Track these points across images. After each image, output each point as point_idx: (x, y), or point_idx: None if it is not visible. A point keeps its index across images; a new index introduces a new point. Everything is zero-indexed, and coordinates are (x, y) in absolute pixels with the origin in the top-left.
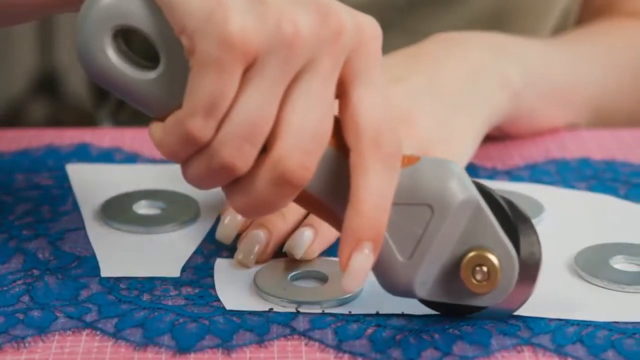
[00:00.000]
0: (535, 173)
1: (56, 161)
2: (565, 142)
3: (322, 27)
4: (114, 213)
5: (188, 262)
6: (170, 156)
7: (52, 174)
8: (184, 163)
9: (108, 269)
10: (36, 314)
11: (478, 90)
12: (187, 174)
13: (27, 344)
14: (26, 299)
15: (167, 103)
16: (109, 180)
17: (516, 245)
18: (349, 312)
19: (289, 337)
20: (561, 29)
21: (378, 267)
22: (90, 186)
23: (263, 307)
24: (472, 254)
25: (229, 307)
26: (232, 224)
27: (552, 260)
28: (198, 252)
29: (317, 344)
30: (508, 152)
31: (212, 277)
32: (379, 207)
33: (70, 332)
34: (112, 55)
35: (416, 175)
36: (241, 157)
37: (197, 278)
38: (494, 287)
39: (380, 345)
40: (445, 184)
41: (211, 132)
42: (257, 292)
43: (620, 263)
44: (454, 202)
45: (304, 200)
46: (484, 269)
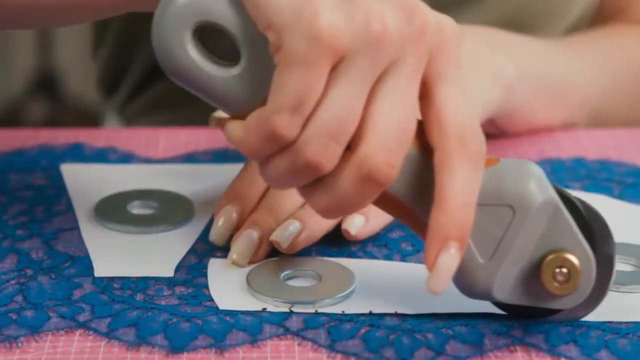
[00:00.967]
0: None
1: (50, 161)
2: (561, 141)
3: (408, 24)
4: (108, 213)
5: (182, 262)
6: (251, 154)
7: (46, 174)
8: (263, 162)
9: (102, 269)
10: (29, 313)
11: (470, 80)
12: (266, 173)
13: (19, 344)
14: (19, 298)
15: (247, 101)
16: (103, 180)
17: (592, 246)
18: (342, 312)
19: (282, 336)
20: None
21: (457, 269)
22: (85, 186)
23: (256, 306)
24: (552, 256)
25: (222, 306)
26: (225, 224)
27: None
28: (192, 252)
29: (310, 343)
30: (504, 151)
31: (206, 276)
32: (465, 206)
33: (63, 332)
34: (192, 52)
35: (497, 176)
36: (327, 156)
37: (190, 278)
38: (574, 289)
39: (373, 345)
40: (526, 185)
41: (297, 130)
42: (251, 291)
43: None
44: (534, 203)
45: (385, 201)
46: (564, 270)
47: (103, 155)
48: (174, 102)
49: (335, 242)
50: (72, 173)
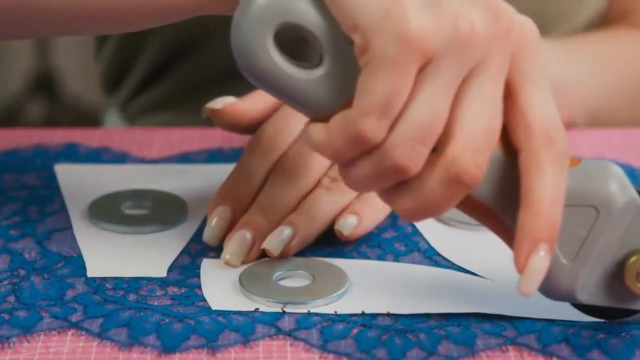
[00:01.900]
0: None
1: (45, 161)
2: None
3: (494, 25)
4: (101, 213)
5: (175, 262)
6: (334, 157)
7: (40, 174)
8: (346, 165)
9: (94, 269)
10: (22, 314)
11: None
12: (350, 176)
13: (12, 344)
14: (12, 298)
15: (329, 103)
16: (97, 180)
17: None
18: (335, 312)
19: (274, 337)
20: None
21: None
22: (78, 186)
23: (249, 307)
24: (635, 257)
25: (214, 307)
26: (218, 225)
27: None
28: (185, 252)
29: (303, 343)
30: None
31: (199, 277)
32: (553, 207)
33: (56, 332)
34: (274, 54)
35: (580, 177)
36: (414, 159)
37: (183, 278)
38: None
39: (365, 345)
40: (609, 186)
41: (384, 133)
42: (243, 292)
43: None
44: (617, 203)
45: (468, 204)
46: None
47: (97, 156)
48: (176, 102)
49: (329, 242)
50: (66, 173)
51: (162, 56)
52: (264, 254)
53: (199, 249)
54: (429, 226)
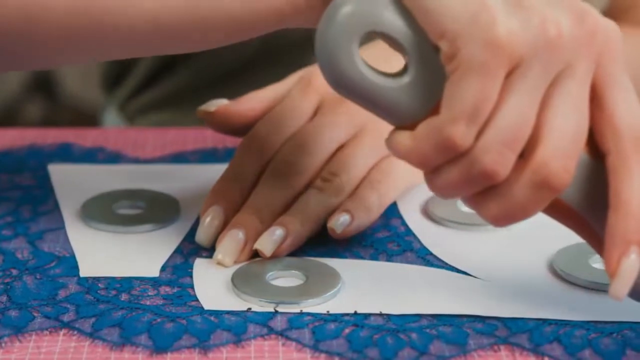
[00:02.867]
0: None
1: (39, 161)
2: None
3: (580, 28)
4: (94, 213)
5: (167, 262)
6: (421, 164)
7: (34, 174)
8: (432, 171)
9: (87, 269)
10: (13, 313)
11: None
12: (436, 182)
13: (3, 344)
14: (4, 298)
15: (415, 110)
16: (90, 180)
17: None
18: (327, 312)
19: (266, 336)
20: None
21: None
22: (72, 186)
23: (241, 306)
24: None
25: (207, 306)
26: (211, 225)
27: (532, 260)
28: (177, 251)
29: (294, 343)
30: None
31: (191, 276)
32: None
33: (48, 332)
34: (360, 63)
35: None
36: (503, 164)
37: (175, 278)
38: None
39: (357, 345)
40: None
41: (472, 139)
42: (236, 291)
43: (599, 262)
44: None
45: (555, 208)
46: None
47: (91, 156)
48: (175, 101)
49: (321, 242)
50: (60, 173)
51: (162, 56)
52: (256, 253)
53: (192, 249)
54: (422, 226)
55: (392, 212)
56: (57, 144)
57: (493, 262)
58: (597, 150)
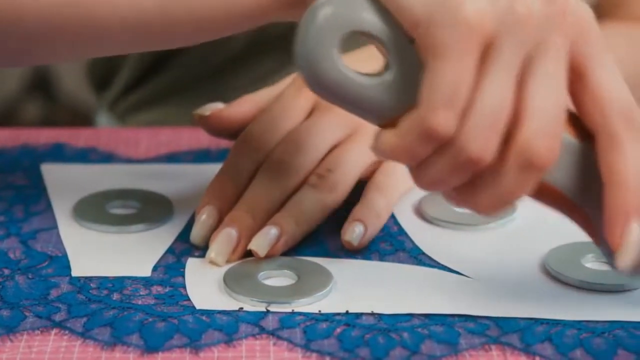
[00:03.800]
0: None
1: (32, 161)
2: None
3: (549, 7)
4: (87, 212)
5: (159, 262)
6: (407, 158)
7: (27, 174)
8: (419, 166)
9: (79, 268)
10: (5, 313)
11: None
12: (422, 176)
13: None
14: None
15: (396, 107)
16: (83, 180)
17: None
18: (319, 311)
19: (258, 336)
20: None
21: None
22: (65, 186)
23: (233, 306)
24: None
25: (199, 306)
26: (205, 225)
27: (524, 260)
28: (170, 251)
29: (286, 343)
30: None
31: (183, 276)
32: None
33: (39, 332)
34: (341, 63)
35: None
36: (488, 148)
37: (167, 277)
38: None
39: (348, 345)
40: None
41: (454, 124)
42: (228, 291)
43: (591, 262)
44: None
45: (543, 192)
46: None
47: (84, 155)
48: (166, 99)
49: (314, 241)
50: (53, 173)
51: (152, 54)
52: (249, 253)
53: (184, 249)
54: (415, 226)
55: None
56: (50, 144)
57: (485, 262)
58: (584, 132)
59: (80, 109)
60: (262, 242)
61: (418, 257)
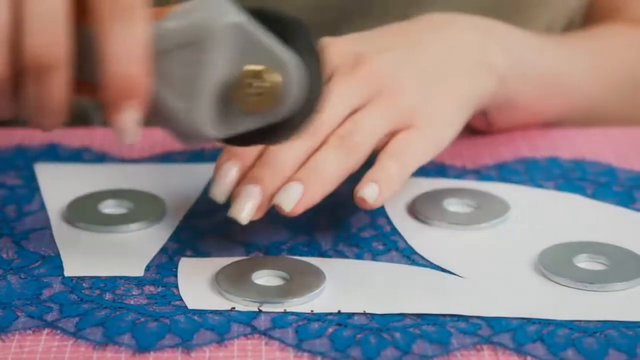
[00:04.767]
0: (504, 172)
1: (25, 161)
2: (536, 141)
3: None
4: (80, 212)
5: (152, 261)
6: None
7: (20, 174)
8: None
9: (72, 268)
10: None
11: (461, 67)
12: None
13: None
14: None
15: None
16: (76, 180)
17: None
18: (311, 311)
19: (249, 336)
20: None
21: (162, 121)
22: (58, 186)
23: (225, 306)
24: (245, 74)
25: (191, 306)
26: (226, 180)
27: (516, 259)
28: (163, 251)
29: (278, 342)
30: (478, 151)
31: (176, 276)
32: (130, 62)
33: (31, 332)
34: None
35: (179, 19)
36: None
37: (160, 277)
38: (278, 101)
39: (340, 344)
40: (204, 16)
41: None
42: (220, 291)
43: (584, 262)
44: (216, 30)
45: (82, 90)
46: (261, 84)
47: (78, 156)
48: None
49: (306, 241)
50: (46, 172)
51: None
52: (243, 252)
53: (177, 248)
54: (408, 225)
55: (378, 211)
56: (44, 144)
57: (478, 262)
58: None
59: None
60: (286, 198)
61: (411, 257)
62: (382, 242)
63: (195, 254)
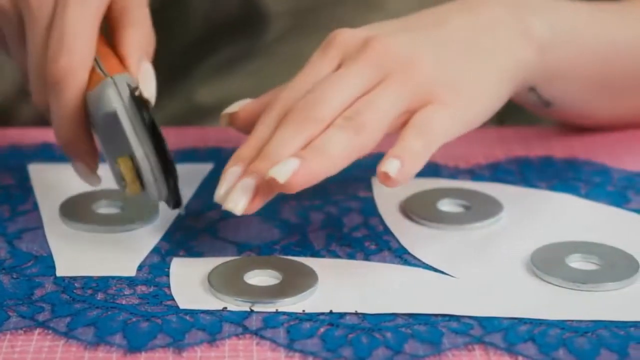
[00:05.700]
0: (497, 172)
1: (19, 161)
2: (530, 141)
3: None
4: (73, 212)
5: (144, 261)
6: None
7: (14, 174)
8: None
9: (64, 268)
10: None
11: (493, 40)
12: None
13: None
14: None
15: None
16: (70, 180)
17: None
18: (303, 311)
19: (241, 336)
20: None
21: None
22: (51, 185)
23: (217, 306)
24: (119, 160)
25: (182, 306)
26: (230, 183)
27: (509, 259)
28: (155, 251)
29: (269, 342)
30: (472, 151)
31: (168, 276)
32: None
33: (22, 332)
34: None
35: (90, 96)
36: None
37: (152, 277)
38: (140, 189)
39: (331, 344)
40: (96, 102)
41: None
42: (212, 291)
43: (576, 261)
44: (100, 116)
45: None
46: (127, 172)
47: None
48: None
49: (299, 241)
50: (40, 172)
51: None
52: (236, 252)
53: (169, 248)
54: (401, 225)
55: (371, 211)
56: (38, 144)
57: (470, 262)
58: None
59: None
60: (279, 169)
61: (403, 257)
62: (375, 242)
63: (187, 254)
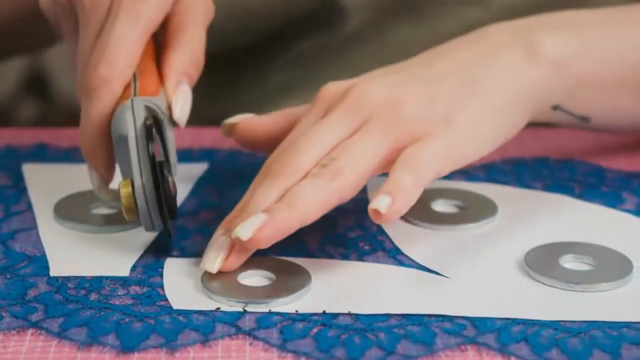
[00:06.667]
0: (491, 172)
1: (14, 161)
2: (524, 141)
3: None
4: (67, 212)
5: (138, 262)
6: None
7: (8, 174)
8: None
9: (57, 268)
10: None
11: (496, 66)
12: None
13: None
14: None
15: None
16: (64, 180)
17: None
18: (296, 312)
19: (234, 336)
20: None
21: None
22: (46, 186)
23: (210, 306)
24: (122, 183)
25: (176, 306)
26: (219, 253)
27: (502, 260)
28: (149, 251)
29: (262, 343)
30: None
31: (162, 276)
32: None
33: (15, 332)
34: None
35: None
36: None
37: (145, 277)
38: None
39: (324, 345)
40: (114, 119)
41: None
42: (205, 291)
43: (569, 262)
44: (114, 135)
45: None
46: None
47: (67, 156)
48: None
49: (292, 241)
50: (34, 173)
51: None
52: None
53: (163, 249)
54: (395, 226)
55: (365, 211)
56: (33, 144)
57: (463, 262)
58: None
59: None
60: (243, 226)
61: (397, 257)
62: (369, 243)
63: (181, 255)
